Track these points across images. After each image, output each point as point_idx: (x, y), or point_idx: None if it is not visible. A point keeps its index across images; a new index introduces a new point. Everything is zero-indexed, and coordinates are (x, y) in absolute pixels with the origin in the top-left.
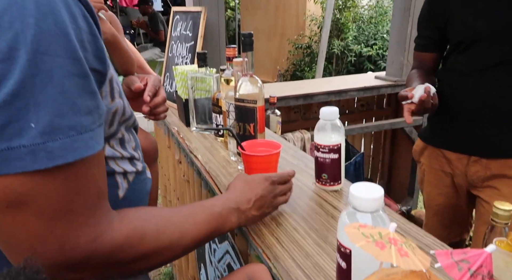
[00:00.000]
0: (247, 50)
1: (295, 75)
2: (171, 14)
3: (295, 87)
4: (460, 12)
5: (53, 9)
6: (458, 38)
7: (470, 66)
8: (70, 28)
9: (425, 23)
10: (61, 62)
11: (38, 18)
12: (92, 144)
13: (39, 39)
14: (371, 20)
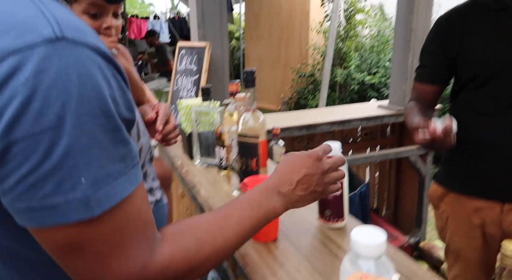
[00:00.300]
0: (249, 87)
1: (299, 103)
2: (177, 49)
3: (299, 117)
4: (476, 43)
5: (91, 77)
6: (472, 73)
7: (490, 104)
8: (105, 89)
9: (430, 53)
10: (98, 121)
11: (80, 87)
12: (128, 185)
13: (81, 105)
14: (373, 49)
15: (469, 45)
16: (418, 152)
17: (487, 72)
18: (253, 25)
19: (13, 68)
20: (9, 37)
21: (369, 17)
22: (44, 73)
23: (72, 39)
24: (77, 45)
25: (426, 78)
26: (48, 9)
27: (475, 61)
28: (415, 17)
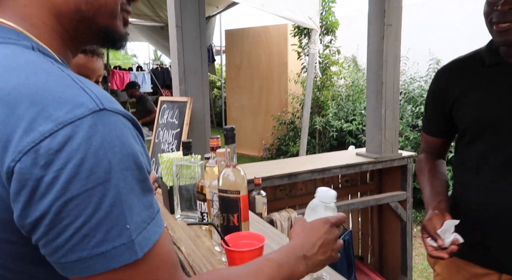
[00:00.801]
0: (229, 143)
1: (280, 149)
2: (158, 103)
3: (279, 166)
4: (469, 97)
5: (127, 137)
6: (464, 128)
7: (479, 160)
8: (136, 146)
9: (430, 105)
10: (134, 173)
11: (120, 146)
12: (157, 229)
13: (122, 161)
14: (349, 98)
15: (462, 99)
16: (398, 198)
17: (476, 129)
18: (234, 75)
19: (67, 137)
20: (62, 111)
21: (343, 68)
22: (92, 138)
23: (110, 109)
24: (114, 113)
25: (428, 130)
26: (87, 86)
27: (466, 115)
28: (384, 71)
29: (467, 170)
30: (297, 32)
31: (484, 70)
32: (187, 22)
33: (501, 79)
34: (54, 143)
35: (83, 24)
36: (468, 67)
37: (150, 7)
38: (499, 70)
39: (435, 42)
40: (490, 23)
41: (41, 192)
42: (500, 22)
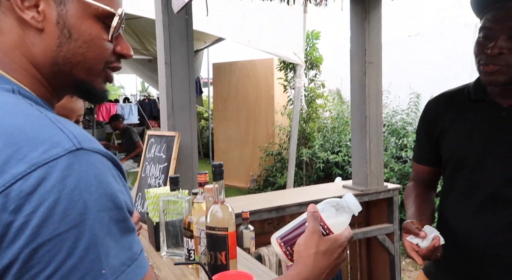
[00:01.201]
0: (217, 180)
1: (268, 181)
2: (146, 137)
3: (267, 198)
4: (453, 131)
5: (105, 176)
6: (446, 158)
7: (461, 193)
8: (115, 186)
9: (420, 134)
10: (112, 213)
11: (97, 186)
12: (139, 270)
13: (98, 201)
14: (334, 130)
15: (448, 131)
16: (385, 231)
17: (457, 161)
18: (221, 107)
19: (41, 178)
20: (37, 152)
21: (328, 101)
22: (67, 179)
23: (88, 148)
24: (92, 152)
25: (417, 159)
26: (65, 126)
27: (449, 148)
28: (367, 106)
29: (450, 201)
30: (283, 66)
31: (470, 105)
32: (176, 59)
33: (484, 116)
34: (26, 186)
35: (61, 76)
36: (456, 100)
37: (139, 41)
38: (484, 107)
39: (415, 78)
40: (478, 63)
41: (10, 238)
42: (488, 64)
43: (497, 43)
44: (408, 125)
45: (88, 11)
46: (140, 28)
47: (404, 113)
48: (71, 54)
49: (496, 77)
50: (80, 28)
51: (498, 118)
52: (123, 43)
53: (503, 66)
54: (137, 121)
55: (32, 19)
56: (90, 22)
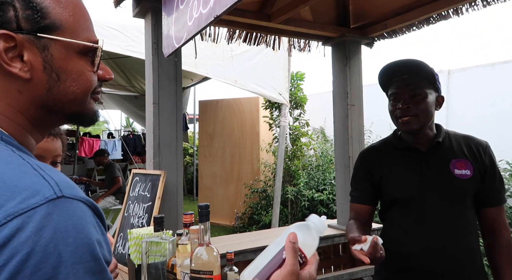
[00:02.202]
0: (203, 221)
1: (252, 219)
2: (130, 175)
3: (252, 239)
4: (390, 173)
5: (84, 226)
6: (392, 196)
7: (405, 221)
8: (94, 235)
9: (359, 178)
10: (88, 265)
11: (75, 237)
12: None
13: (75, 253)
14: (319, 168)
15: (385, 179)
16: (371, 272)
17: (397, 203)
18: (207, 143)
19: (16, 229)
20: (15, 201)
21: (312, 139)
22: (44, 229)
23: (69, 196)
24: (74, 200)
25: (358, 200)
26: (46, 173)
27: (392, 187)
28: (350, 146)
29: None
30: (268, 105)
31: (397, 154)
32: (164, 99)
33: (412, 159)
34: (0, 237)
35: (51, 116)
36: (385, 150)
37: (125, 78)
38: (409, 154)
39: None
40: (396, 118)
41: None
42: (402, 116)
43: (405, 101)
44: None
45: (71, 50)
46: (128, 66)
47: None
48: (62, 95)
49: (411, 126)
50: (67, 68)
51: (421, 161)
52: (105, 68)
53: (413, 116)
54: (121, 157)
55: (20, 70)
56: (75, 60)
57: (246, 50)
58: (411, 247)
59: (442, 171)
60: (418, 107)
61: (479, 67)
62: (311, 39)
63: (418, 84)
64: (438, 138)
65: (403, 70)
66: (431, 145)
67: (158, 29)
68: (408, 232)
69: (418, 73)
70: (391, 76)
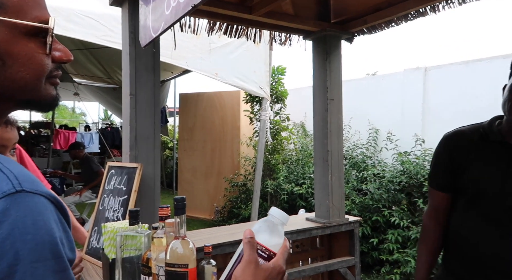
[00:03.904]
0: (179, 214)
1: (232, 212)
2: (106, 168)
3: (231, 232)
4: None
5: (46, 222)
6: (464, 192)
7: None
8: (56, 232)
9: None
10: (49, 264)
11: (34, 233)
12: None
13: (34, 251)
14: (299, 162)
15: (466, 167)
16: (347, 264)
17: (477, 193)
18: (187, 137)
19: None
20: None
21: (293, 134)
22: (0, 226)
23: (29, 190)
24: (34, 195)
25: (438, 186)
26: (5, 166)
27: (471, 181)
28: (329, 141)
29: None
30: (249, 99)
31: (487, 145)
32: (142, 91)
33: (500, 155)
34: None
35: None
36: (472, 139)
37: (103, 69)
38: (500, 148)
39: (373, 114)
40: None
41: None
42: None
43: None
44: (367, 159)
45: (17, 32)
46: (105, 57)
47: (364, 147)
48: (10, 81)
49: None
50: (14, 52)
51: (510, 157)
52: (62, 49)
53: None
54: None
55: None
56: (23, 42)
57: (227, 43)
58: (482, 247)
59: None
60: None
61: (454, 64)
62: (292, 33)
63: None
64: None
65: None
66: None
67: (135, 18)
68: (481, 233)
69: None
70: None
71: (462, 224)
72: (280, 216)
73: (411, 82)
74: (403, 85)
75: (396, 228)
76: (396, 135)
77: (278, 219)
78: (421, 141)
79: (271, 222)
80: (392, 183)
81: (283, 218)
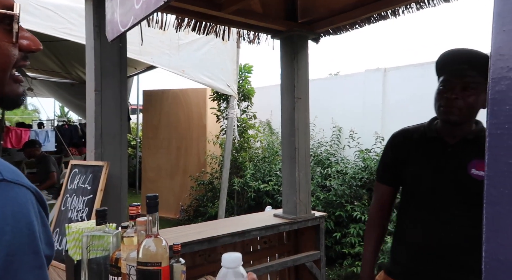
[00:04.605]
0: (152, 212)
1: (198, 211)
2: (68, 167)
3: (199, 230)
4: (410, 162)
5: (25, 214)
6: (405, 184)
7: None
8: (35, 225)
9: (386, 159)
10: (26, 259)
11: (13, 225)
12: None
13: (12, 243)
14: (265, 159)
15: (407, 163)
16: (313, 258)
17: (412, 187)
18: (151, 135)
19: None
20: None
21: (259, 132)
22: None
23: (11, 180)
24: (15, 185)
25: (382, 179)
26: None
27: (408, 175)
28: (296, 138)
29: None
30: (216, 97)
31: (425, 142)
32: (108, 86)
33: (435, 150)
34: None
35: None
36: (414, 137)
37: (60, 64)
38: (436, 144)
39: (336, 113)
40: (439, 106)
41: None
42: (447, 106)
43: (454, 91)
44: (331, 156)
45: None
46: (62, 51)
47: (328, 145)
48: None
49: (451, 117)
50: None
51: (445, 153)
52: (30, 37)
53: (457, 108)
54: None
55: None
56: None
57: (194, 39)
58: (422, 237)
59: (458, 167)
60: (465, 101)
61: (411, 66)
62: (261, 31)
63: (474, 79)
64: (469, 136)
65: (466, 60)
66: (460, 140)
67: (100, 12)
68: (417, 222)
69: (479, 68)
70: (452, 62)
71: (405, 214)
72: (234, 260)
73: (372, 82)
74: (364, 85)
75: (358, 222)
76: (358, 133)
77: (233, 263)
78: (380, 139)
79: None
80: (354, 179)
81: (237, 260)
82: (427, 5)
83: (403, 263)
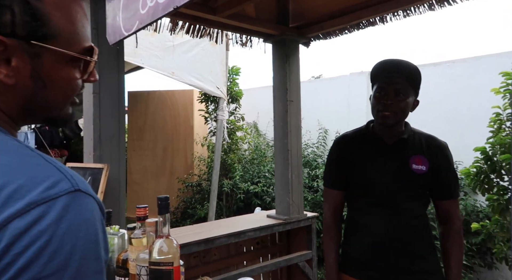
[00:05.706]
0: (163, 213)
1: (186, 213)
2: None
3: (196, 231)
4: (357, 164)
5: (93, 222)
6: (355, 185)
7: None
8: (100, 233)
9: (334, 166)
10: (91, 263)
11: (85, 231)
12: None
13: (84, 248)
14: (253, 161)
15: (356, 161)
16: (305, 258)
17: (362, 188)
18: (137, 137)
19: (37, 217)
20: (37, 191)
21: (248, 134)
22: (62, 220)
23: (84, 190)
24: (87, 195)
25: (333, 185)
26: (60, 166)
27: (359, 174)
28: (289, 140)
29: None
30: (204, 98)
31: (366, 144)
32: (106, 89)
33: (378, 152)
34: (22, 223)
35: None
36: (356, 141)
37: None
38: (377, 145)
39: (322, 115)
40: (377, 110)
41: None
42: (384, 110)
43: (389, 97)
44: (318, 158)
45: (63, 59)
46: None
47: (314, 147)
48: (45, 102)
49: (388, 120)
50: (56, 77)
51: (386, 152)
52: (94, 73)
53: (393, 112)
54: None
55: (4, 76)
56: (66, 69)
57: (183, 42)
58: (373, 231)
59: (402, 163)
60: (398, 105)
61: None
62: (253, 35)
63: (403, 85)
64: (404, 135)
65: (397, 69)
66: (397, 140)
67: (98, 14)
68: (367, 218)
69: (407, 76)
70: (385, 71)
71: (357, 212)
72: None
73: (356, 85)
74: (349, 88)
75: None
76: None
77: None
78: None
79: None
80: None
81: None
82: (413, 13)
83: (357, 258)
